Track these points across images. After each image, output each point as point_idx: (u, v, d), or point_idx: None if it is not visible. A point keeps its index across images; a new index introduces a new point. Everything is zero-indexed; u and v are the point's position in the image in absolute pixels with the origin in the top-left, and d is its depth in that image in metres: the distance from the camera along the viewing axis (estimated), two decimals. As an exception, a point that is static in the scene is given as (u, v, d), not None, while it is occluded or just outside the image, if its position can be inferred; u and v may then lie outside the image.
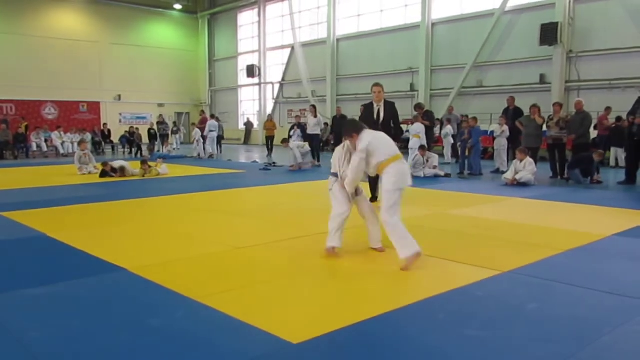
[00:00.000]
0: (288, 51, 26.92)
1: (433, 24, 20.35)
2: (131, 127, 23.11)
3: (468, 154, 12.05)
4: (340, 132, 6.11)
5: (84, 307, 3.50)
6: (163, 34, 30.17)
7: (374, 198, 7.60)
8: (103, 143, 22.95)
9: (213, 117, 21.12)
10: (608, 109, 14.35)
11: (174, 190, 9.62)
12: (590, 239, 5.35)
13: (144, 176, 11.98)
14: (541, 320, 3.21)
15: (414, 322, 3.21)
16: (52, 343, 2.94)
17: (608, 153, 14.06)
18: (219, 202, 8.47)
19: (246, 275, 4.27)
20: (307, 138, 15.37)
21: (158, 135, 21.73)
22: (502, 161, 12.52)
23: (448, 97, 19.63)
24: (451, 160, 15.44)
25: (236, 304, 3.52)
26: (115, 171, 11.98)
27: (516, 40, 18.02)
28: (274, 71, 28.15)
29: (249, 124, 28.87)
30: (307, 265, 4.58)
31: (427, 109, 14.87)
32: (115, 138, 23.61)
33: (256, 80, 28.49)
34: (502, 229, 5.95)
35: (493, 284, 3.93)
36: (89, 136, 21.53)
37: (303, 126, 15.61)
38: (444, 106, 19.32)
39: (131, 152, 21.93)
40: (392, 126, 7.67)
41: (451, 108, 16.88)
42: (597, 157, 10.44)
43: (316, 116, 15.08)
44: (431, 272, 4.32)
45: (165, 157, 16.19)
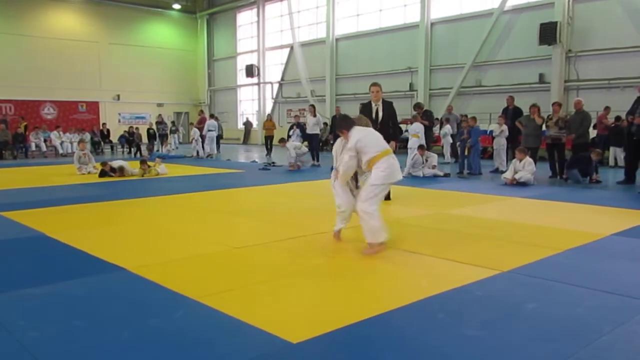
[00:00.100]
0: (287, 51, 26.92)
1: (432, 24, 20.36)
2: (130, 127, 23.16)
3: (467, 154, 12.06)
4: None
5: (84, 307, 3.50)
6: (162, 34, 30.15)
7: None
8: (102, 143, 22.97)
9: (212, 117, 21.13)
10: (607, 109, 14.36)
11: (173, 190, 9.61)
12: (589, 239, 5.35)
13: (143, 176, 11.98)
14: (541, 319, 3.21)
15: (413, 322, 3.21)
16: (52, 343, 2.94)
17: (607, 153, 14.07)
18: (218, 202, 8.47)
19: (245, 275, 4.27)
20: (307, 138, 15.37)
21: (157, 135, 21.74)
22: (501, 161, 12.53)
23: (447, 97, 19.65)
24: (450, 159, 15.44)
25: (235, 304, 3.51)
26: (114, 171, 11.98)
27: (515, 39, 18.03)
28: (273, 71, 28.15)
29: (248, 124, 28.87)
30: (307, 264, 4.57)
31: (426, 109, 14.88)
32: (114, 138, 23.65)
33: (255, 80, 28.49)
34: (501, 229, 5.95)
35: (492, 284, 3.93)
36: (88, 136, 21.52)
37: (302, 126, 15.62)
38: (443, 106, 19.32)
39: (130, 152, 21.95)
40: (391, 126, 7.67)
41: (450, 108, 16.89)
42: (595, 157, 10.44)
43: (315, 116, 15.08)
44: (430, 272, 4.32)
45: (164, 157, 16.19)
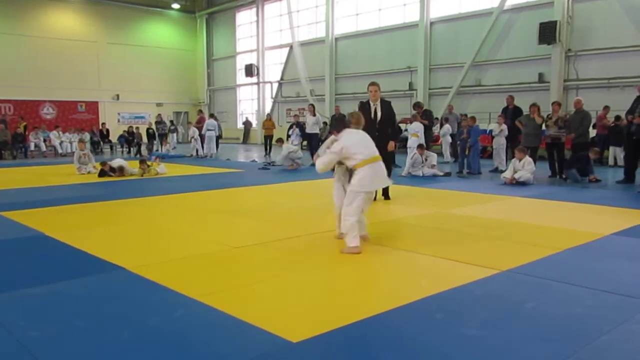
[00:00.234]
0: (286, 50, 26.91)
1: (431, 23, 20.35)
2: (130, 127, 23.16)
3: (467, 153, 12.06)
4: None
5: (84, 307, 3.50)
6: (161, 34, 30.14)
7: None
8: (101, 143, 22.98)
9: (212, 117, 21.10)
10: (606, 108, 14.36)
11: (173, 189, 9.61)
12: (589, 238, 5.35)
13: (143, 175, 11.98)
14: (540, 319, 3.21)
15: (413, 321, 3.21)
16: (52, 342, 2.94)
17: (607, 152, 14.08)
18: (218, 202, 8.47)
19: (245, 274, 4.27)
20: (306, 137, 15.37)
21: (156, 134, 21.73)
22: (501, 160, 12.52)
23: (447, 96, 19.64)
24: (450, 159, 15.44)
25: (235, 303, 3.52)
26: (114, 171, 11.98)
27: (515, 39, 18.03)
28: (273, 70, 28.13)
29: (248, 123, 28.85)
30: (307, 264, 4.57)
31: (426, 108, 14.87)
32: (113, 138, 23.66)
33: (255, 79, 28.48)
34: (501, 228, 5.95)
35: (492, 283, 3.93)
36: (88, 136, 21.52)
37: (302, 125, 15.61)
38: (443, 105, 19.33)
39: (130, 152, 21.95)
40: (389, 125, 7.66)
41: (451, 107, 16.89)
42: (593, 155, 10.44)
43: (315, 115, 15.09)
44: (430, 271, 4.33)
45: (163, 157, 16.20)
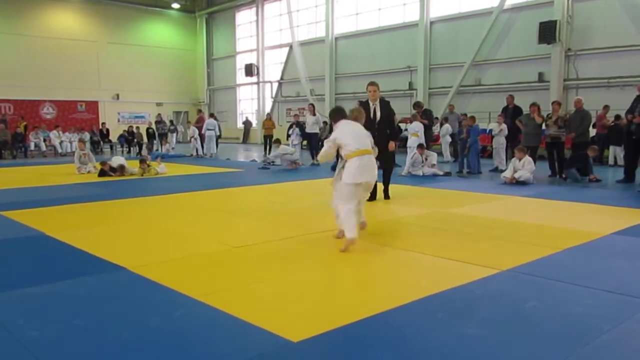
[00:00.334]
0: (286, 50, 26.90)
1: (431, 23, 20.34)
2: (130, 127, 23.17)
3: (467, 153, 12.06)
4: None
5: (84, 306, 3.50)
6: (161, 33, 30.12)
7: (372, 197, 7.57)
8: (101, 142, 22.99)
9: (212, 116, 21.10)
10: (606, 107, 14.37)
11: (173, 189, 9.61)
12: (589, 238, 5.35)
13: (143, 175, 11.98)
14: (540, 318, 3.21)
15: (413, 321, 3.21)
16: (52, 342, 2.94)
17: (607, 151, 14.09)
18: (218, 201, 8.47)
19: (245, 274, 4.27)
20: (306, 137, 15.35)
21: (156, 134, 21.73)
22: (501, 160, 12.52)
23: (447, 96, 19.64)
24: (450, 159, 15.44)
25: (236, 303, 3.51)
26: (114, 170, 11.97)
27: (514, 38, 18.03)
28: (273, 70, 28.13)
29: (248, 123, 28.85)
30: (306, 264, 4.58)
31: (426, 108, 14.87)
32: (113, 137, 23.65)
33: (254, 79, 28.47)
34: (501, 228, 5.95)
35: (492, 283, 3.93)
36: (88, 135, 21.52)
37: (302, 125, 15.59)
38: (443, 105, 19.34)
39: (130, 151, 21.95)
40: (389, 125, 7.65)
41: (452, 107, 16.87)
42: (592, 153, 10.45)
43: (315, 115, 15.08)
44: (430, 271, 4.33)
45: (163, 156, 16.21)
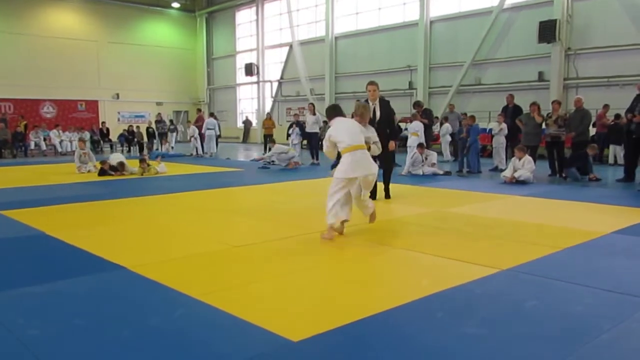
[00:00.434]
0: (286, 49, 26.90)
1: (431, 22, 20.34)
2: (130, 126, 23.17)
3: (466, 152, 12.06)
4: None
5: (84, 306, 3.50)
6: (161, 33, 30.12)
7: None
8: (101, 142, 22.99)
9: (212, 116, 21.09)
10: (606, 107, 14.37)
11: (173, 188, 9.61)
12: (589, 237, 5.35)
13: (143, 174, 11.98)
14: (540, 317, 3.21)
15: (413, 320, 3.21)
16: (52, 341, 2.94)
17: (607, 150, 14.09)
18: (218, 201, 8.47)
19: (245, 273, 4.27)
20: (306, 136, 15.36)
21: (156, 133, 21.73)
22: (501, 159, 12.52)
23: (446, 95, 19.65)
24: (450, 158, 15.44)
25: (236, 302, 3.51)
26: (114, 169, 11.97)
27: (514, 37, 18.03)
28: (273, 69, 28.13)
29: (248, 122, 28.86)
30: (306, 263, 4.58)
31: (426, 107, 14.87)
32: (113, 137, 23.66)
33: (254, 78, 28.48)
34: (501, 227, 5.95)
35: (492, 282, 3.93)
36: (88, 135, 21.52)
37: (302, 124, 15.59)
38: (443, 104, 19.34)
39: (130, 151, 21.95)
40: (389, 125, 7.65)
41: (452, 106, 16.86)
42: (591, 152, 10.45)
43: (315, 114, 15.08)
44: (430, 270, 4.33)
45: (163, 156, 16.21)
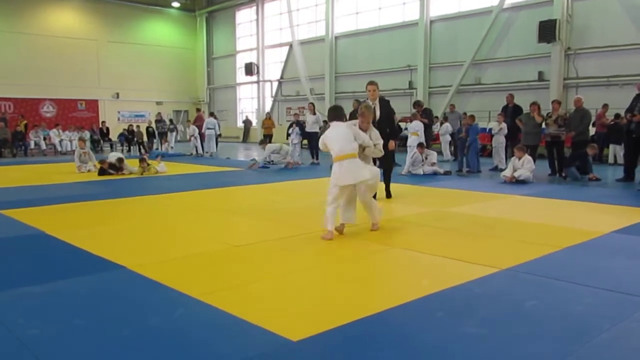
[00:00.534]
0: (286, 49, 26.90)
1: (431, 22, 20.34)
2: (130, 125, 23.16)
3: (466, 152, 12.06)
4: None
5: (84, 305, 3.50)
6: (161, 32, 30.11)
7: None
8: (101, 141, 22.99)
9: (212, 115, 21.07)
10: (605, 106, 14.37)
11: (172, 188, 9.61)
12: (588, 236, 5.35)
13: (143, 174, 11.98)
14: (540, 317, 3.22)
15: (413, 320, 3.22)
16: (52, 341, 2.94)
17: (606, 150, 14.09)
18: (217, 200, 8.47)
19: (245, 273, 4.28)
20: (306, 136, 15.36)
21: (156, 133, 21.72)
22: (500, 159, 12.52)
23: (446, 95, 19.64)
24: (450, 158, 15.44)
25: (235, 302, 3.52)
26: (114, 168, 11.96)
27: (514, 37, 18.03)
28: (273, 69, 28.12)
29: (248, 122, 28.84)
30: (306, 263, 4.58)
31: (426, 107, 14.86)
32: (113, 136, 23.65)
33: (254, 78, 28.47)
34: (501, 227, 5.96)
35: (492, 281, 3.93)
36: (87, 134, 21.52)
37: (302, 124, 15.59)
38: (443, 104, 19.34)
39: (130, 150, 21.95)
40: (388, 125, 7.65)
41: (452, 106, 16.85)
42: (591, 151, 10.45)
43: (315, 114, 15.08)
44: (430, 270, 4.33)
45: (163, 155, 16.21)
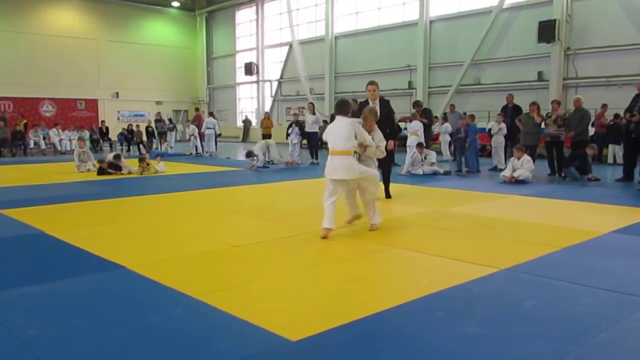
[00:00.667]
0: (286, 49, 26.90)
1: (431, 22, 20.35)
2: (130, 125, 23.14)
3: (466, 152, 12.06)
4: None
5: (83, 305, 3.50)
6: (161, 32, 30.10)
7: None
8: (101, 140, 22.97)
9: (211, 115, 21.05)
10: (604, 106, 14.38)
11: (172, 188, 9.61)
12: (588, 236, 5.36)
13: (142, 174, 11.98)
14: (539, 317, 3.22)
15: (412, 320, 3.22)
16: (52, 341, 2.94)
17: (606, 150, 14.11)
18: (217, 200, 8.47)
19: (245, 272, 4.28)
20: (305, 136, 15.36)
21: (156, 132, 21.71)
22: (500, 159, 12.52)
23: (446, 95, 19.65)
24: (449, 157, 15.44)
25: (235, 302, 3.52)
26: (112, 165, 11.95)
27: (514, 37, 18.03)
28: (272, 69, 28.12)
29: (247, 122, 28.84)
30: (306, 262, 4.59)
31: (425, 107, 14.86)
32: (113, 135, 23.64)
33: (254, 77, 28.47)
34: (500, 226, 5.96)
35: (491, 281, 3.94)
36: (87, 134, 21.52)
37: (301, 124, 15.59)
38: (442, 104, 19.33)
39: (129, 150, 21.94)
40: (388, 124, 7.65)
41: (452, 106, 16.84)
42: (590, 151, 10.46)
43: (314, 114, 15.08)
44: (429, 270, 4.34)
45: (163, 155, 16.20)
